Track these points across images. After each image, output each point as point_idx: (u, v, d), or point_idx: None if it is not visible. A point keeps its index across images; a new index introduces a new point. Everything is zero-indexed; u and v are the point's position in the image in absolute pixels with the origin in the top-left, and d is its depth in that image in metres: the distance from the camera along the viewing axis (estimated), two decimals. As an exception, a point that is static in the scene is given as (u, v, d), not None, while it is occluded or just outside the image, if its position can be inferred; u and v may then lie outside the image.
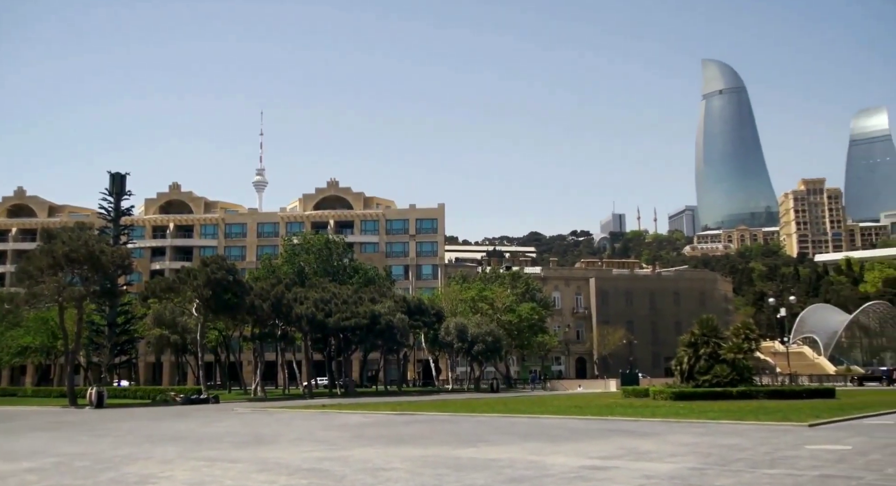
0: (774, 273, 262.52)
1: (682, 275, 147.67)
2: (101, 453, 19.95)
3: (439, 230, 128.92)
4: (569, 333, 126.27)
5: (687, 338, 48.60)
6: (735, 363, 45.72)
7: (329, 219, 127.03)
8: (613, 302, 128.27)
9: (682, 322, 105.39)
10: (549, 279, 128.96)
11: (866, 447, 18.11)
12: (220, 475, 15.10)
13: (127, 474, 15.40)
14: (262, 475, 14.85)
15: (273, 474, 15.11)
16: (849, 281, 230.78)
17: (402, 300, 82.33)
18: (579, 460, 16.41)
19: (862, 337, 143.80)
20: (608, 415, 32.10)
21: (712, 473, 13.96)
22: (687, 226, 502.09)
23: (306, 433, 26.16)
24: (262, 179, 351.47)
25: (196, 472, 15.56)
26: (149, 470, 15.92)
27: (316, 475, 14.74)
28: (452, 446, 20.38)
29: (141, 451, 20.33)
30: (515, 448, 19.35)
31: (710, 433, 23.02)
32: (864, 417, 29.12)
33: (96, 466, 16.88)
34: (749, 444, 19.23)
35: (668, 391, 43.93)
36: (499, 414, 35.39)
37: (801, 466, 14.67)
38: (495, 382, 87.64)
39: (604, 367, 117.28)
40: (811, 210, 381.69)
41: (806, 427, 24.30)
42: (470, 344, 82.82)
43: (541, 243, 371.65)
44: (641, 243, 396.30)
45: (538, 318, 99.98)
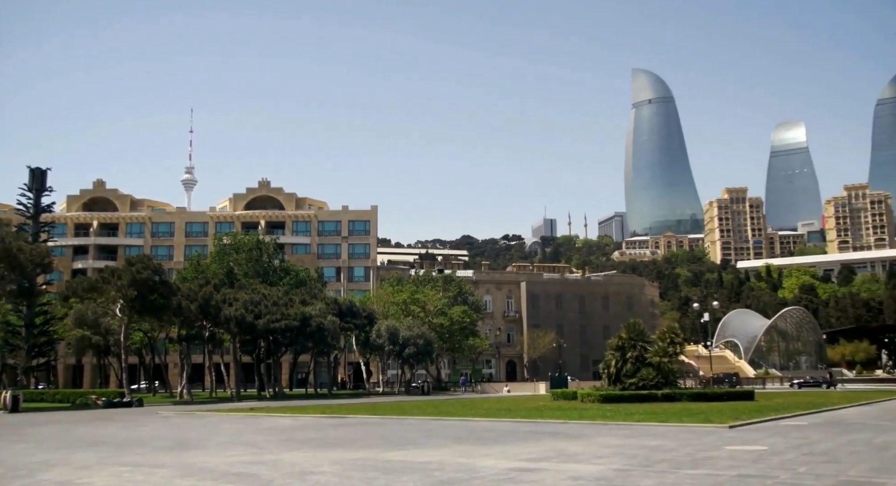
0: (699, 279, 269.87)
1: (610, 280, 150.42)
2: (15, 459, 19.18)
3: (372, 232, 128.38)
4: (500, 336, 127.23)
5: (615, 342, 49.51)
6: (660, 367, 46.79)
7: (260, 219, 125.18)
8: (544, 306, 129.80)
9: (611, 326, 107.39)
10: (480, 283, 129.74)
11: (781, 448, 18.76)
12: (142, 480, 14.71)
13: (42, 481, 14.84)
14: (187, 481, 14.53)
15: (198, 479, 14.80)
16: (768, 287, 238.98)
17: (334, 302, 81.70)
18: (509, 462, 16.55)
19: (780, 341, 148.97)
20: (537, 418, 32.44)
21: (637, 474, 14.26)
22: (616, 232, 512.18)
23: (234, 437, 25.71)
24: (191, 178, 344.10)
25: (117, 478, 15.12)
26: (66, 477, 15.38)
27: (243, 480, 14.51)
28: (382, 449, 20.31)
29: (58, 457, 19.62)
30: (445, 451, 19.40)
31: (635, 434, 23.49)
32: (781, 418, 30.16)
33: (9, 473, 16.23)
34: (672, 445, 19.70)
35: (595, 394, 44.68)
36: (429, 417, 35.41)
37: (721, 466, 15.11)
38: (426, 384, 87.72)
39: (534, 370, 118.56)
40: (734, 218, 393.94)
41: (726, 429, 25.01)
42: (401, 347, 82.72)
43: (473, 246, 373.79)
44: (572, 247, 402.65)
45: (469, 321, 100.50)
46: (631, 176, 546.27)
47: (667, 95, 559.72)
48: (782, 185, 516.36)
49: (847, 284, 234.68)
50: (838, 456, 16.85)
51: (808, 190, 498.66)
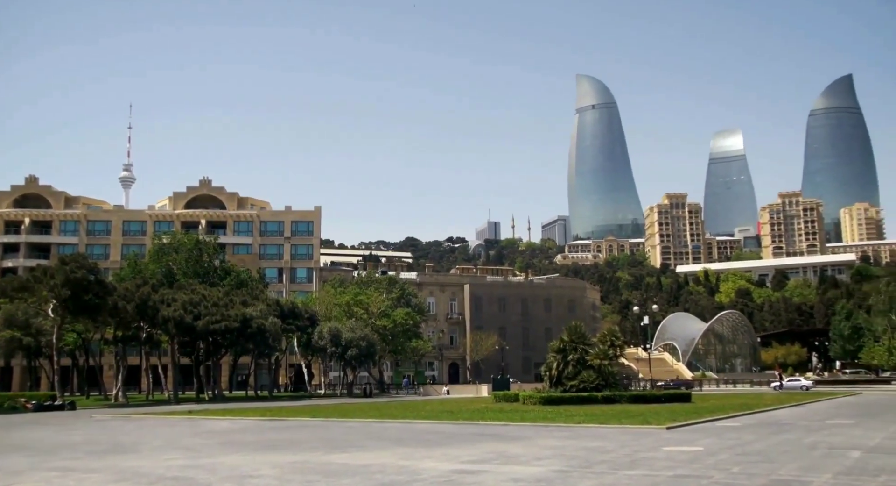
0: (639, 283, 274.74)
1: (553, 283, 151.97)
2: (-60, 464, 18.48)
3: (315, 233, 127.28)
4: (443, 338, 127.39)
5: (556, 344, 49.99)
6: (601, 369, 47.43)
7: (201, 219, 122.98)
8: (487, 308, 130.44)
9: (553, 329, 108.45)
10: (424, 285, 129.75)
11: (716, 448, 19.20)
12: None
13: (-31, 486, 14.35)
14: None
15: (132, 483, 14.46)
16: (706, 291, 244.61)
17: (276, 304, 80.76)
18: (450, 464, 16.57)
19: (716, 344, 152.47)
20: (479, 420, 32.56)
21: (576, 475, 14.42)
22: (559, 235, 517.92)
23: (170, 441, 25.20)
24: (129, 175, 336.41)
25: (47, 484, 14.67)
26: (-6, 482, 14.89)
27: (179, 484, 14.22)
28: (323, 451, 20.15)
29: (-14, 461, 18.97)
30: (387, 453, 19.34)
31: (575, 436, 23.76)
32: (716, 419, 30.85)
33: (-66, 478, 15.63)
34: (612, 446, 19.99)
35: (537, 396, 45.05)
36: (371, 419, 35.26)
37: (658, 466, 15.37)
38: (368, 387, 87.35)
39: (476, 372, 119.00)
40: (674, 223, 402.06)
41: (664, 430, 25.47)
42: (344, 349, 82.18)
43: (417, 248, 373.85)
44: (515, 250, 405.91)
45: (413, 323, 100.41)
46: (574, 180, 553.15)
47: (610, 101, 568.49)
48: (720, 191, 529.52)
49: (781, 288, 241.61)
50: (770, 456, 17.30)
51: (745, 197, 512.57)
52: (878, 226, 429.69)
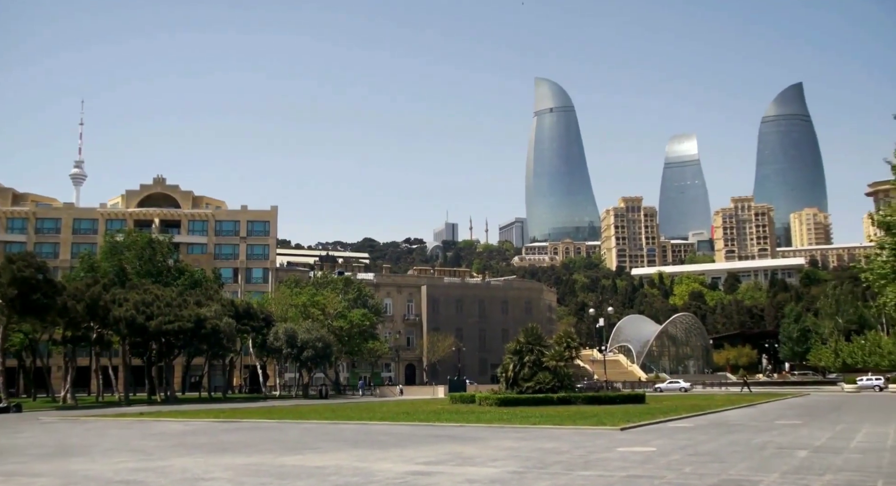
0: (595, 285, 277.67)
1: (510, 285, 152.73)
2: None
3: (271, 233, 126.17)
4: (399, 339, 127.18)
5: (513, 346, 50.24)
6: (557, 370, 47.78)
7: (154, 217, 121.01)
8: (444, 310, 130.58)
9: (509, 330, 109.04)
10: (381, 286, 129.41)
11: (668, 449, 19.46)
12: (19, 489, 13.96)
13: None
14: (68, 489, 13.87)
15: (80, 487, 14.14)
16: (660, 294, 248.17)
17: (231, 304, 79.81)
18: (406, 465, 16.53)
19: (670, 346, 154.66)
20: (435, 421, 32.57)
21: (531, 476, 14.49)
22: (516, 237, 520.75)
23: (121, 443, 24.72)
24: (80, 172, 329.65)
25: (-9, 487, 14.28)
26: (-66, 487, 14.44)
27: (128, 488, 13.95)
28: (277, 453, 19.95)
29: (-74, 465, 18.40)
30: (342, 455, 19.22)
31: (531, 437, 23.89)
32: (669, 420, 31.29)
33: None
34: (566, 447, 20.13)
35: (493, 398, 45.20)
36: (326, 421, 35.05)
37: (612, 467, 15.53)
38: (324, 388, 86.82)
39: (433, 373, 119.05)
40: (629, 226, 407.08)
41: (618, 431, 25.75)
42: (299, 350, 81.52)
43: (374, 249, 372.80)
44: (473, 252, 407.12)
45: (369, 324, 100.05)
46: (532, 183, 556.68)
47: (568, 104, 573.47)
48: (675, 195, 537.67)
49: (733, 291, 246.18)
50: (721, 456, 17.59)
51: (699, 201, 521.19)
52: (827, 231, 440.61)
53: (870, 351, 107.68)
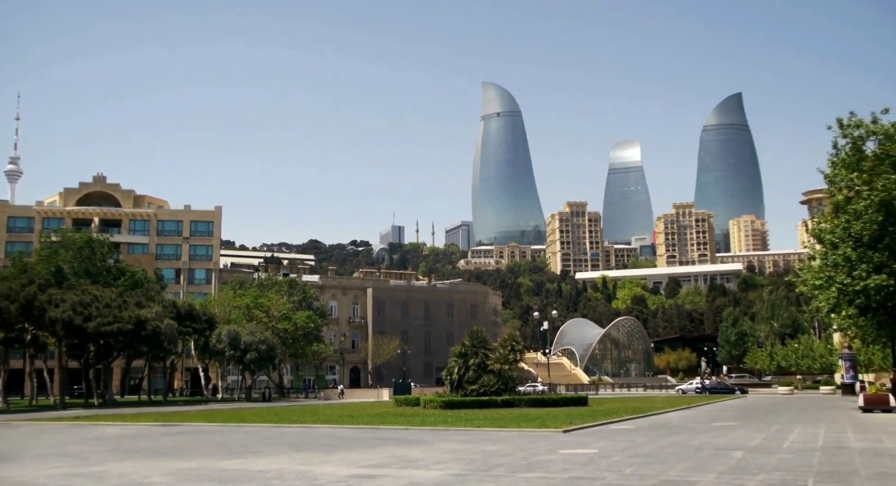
0: (540, 288, 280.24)
1: (455, 288, 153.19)
2: None
3: (215, 234, 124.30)
4: (344, 342, 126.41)
5: (458, 349, 50.36)
6: (501, 373, 48.06)
7: (94, 216, 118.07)
8: (390, 312, 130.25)
9: (455, 333, 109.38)
10: (326, 288, 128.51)
11: (610, 450, 19.77)
12: (-53, 496, 13.51)
13: None
14: (0, 495, 13.48)
15: (12, 493, 13.75)
16: (604, 298, 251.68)
17: (172, 305, 78.30)
18: (349, 469, 16.47)
19: (612, 349, 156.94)
20: (379, 424, 32.48)
21: (474, 479, 14.57)
22: (463, 240, 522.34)
23: (55, 448, 24.06)
24: (16, 169, 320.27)
25: (-83, 494, 13.79)
26: None
27: (63, 493, 13.61)
28: (218, 457, 19.67)
29: None
30: (285, 459, 19.05)
31: (474, 440, 24.00)
32: (610, 422, 31.75)
33: None
34: (510, 450, 20.29)
35: (438, 400, 45.25)
36: (269, 424, 34.67)
37: (555, 469, 15.71)
38: (268, 391, 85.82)
39: (378, 376, 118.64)
40: (574, 231, 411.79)
41: (561, 433, 26.03)
42: (242, 352, 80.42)
43: (320, 251, 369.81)
44: (419, 255, 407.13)
45: (314, 326, 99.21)
46: (478, 186, 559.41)
47: (515, 109, 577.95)
48: (619, 200, 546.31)
49: (673, 296, 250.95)
50: (660, 457, 17.94)
51: (642, 207, 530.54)
52: (763, 237, 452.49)
53: (803, 354, 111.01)
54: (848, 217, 37.86)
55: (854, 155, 38.90)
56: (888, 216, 35.82)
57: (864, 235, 36.76)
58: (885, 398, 38.44)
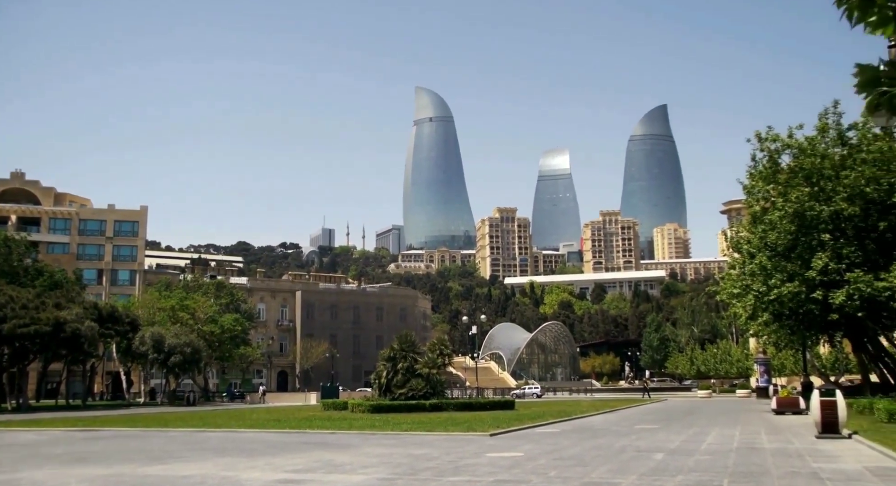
0: (469, 293, 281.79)
1: (385, 291, 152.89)
2: None
3: (140, 234, 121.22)
4: (272, 345, 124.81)
5: (387, 352, 50.36)
6: (429, 377, 48.23)
7: (11, 214, 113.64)
8: (319, 315, 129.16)
9: (384, 337, 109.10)
10: (255, 290, 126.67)
11: (535, 453, 20.11)
12: None
13: None
14: None
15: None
16: (532, 303, 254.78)
17: (94, 307, 75.95)
18: (274, 474, 16.36)
19: (539, 353, 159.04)
20: (306, 428, 32.23)
21: (401, 483, 14.67)
22: (393, 244, 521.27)
23: (-35, 455, 23.12)
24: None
25: None
26: None
27: (-25, 502, 13.16)
28: (139, 463, 19.25)
29: None
30: (208, 464, 18.77)
31: (402, 444, 24.07)
32: (536, 426, 32.23)
33: None
34: (437, 453, 20.43)
35: (366, 404, 45.16)
36: (193, 429, 34.02)
37: (481, 472, 15.93)
38: (192, 395, 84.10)
39: (306, 380, 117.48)
40: (503, 236, 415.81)
41: (487, 437, 26.30)
42: (166, 355, 78.57)
43: (249, 253, 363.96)
44: (349, 258, 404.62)
45: (241, 329, 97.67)
46: (410, 191, 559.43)
47: (447, 114, 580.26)
48: (548, 207, 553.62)
49: (599, 301, 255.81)
50: (584, 460, 18.35)
51: (570, 213, 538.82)
52: (686, 245, 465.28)
53: (721, 359, 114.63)
54: (764, 227, 39.32)
55: (771, 167, 40.45)
56: (801, 227, 37.36)
57: (778, 245, 38.25)
58: (796, 401, 40.02)
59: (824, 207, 36.33)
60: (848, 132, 39.32)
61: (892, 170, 34.37)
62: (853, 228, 37.08)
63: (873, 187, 35.67)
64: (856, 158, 36.94)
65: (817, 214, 36.37)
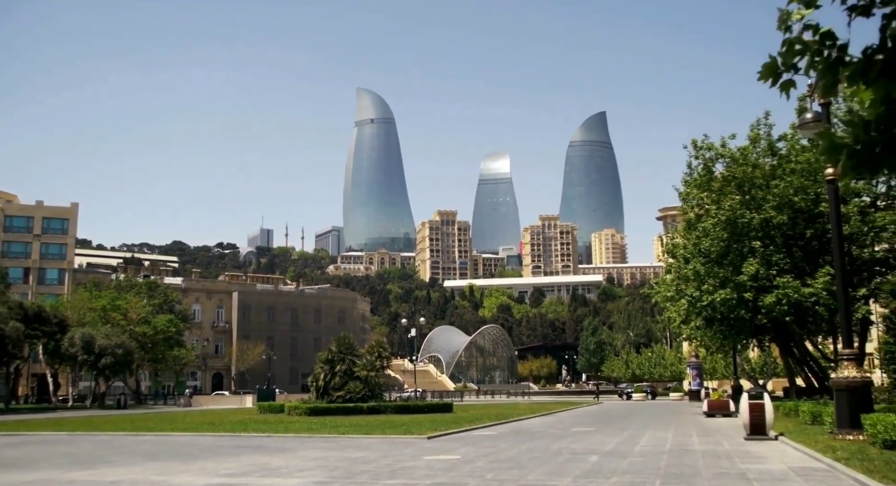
0: (409, 296, 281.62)
1: (324, 293, 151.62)
2: None
3: (70, 232, 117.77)
4: (207, 347, 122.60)
5: (324, 355, 49.93)
6: (368, 380, 47.98)
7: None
8: (255, 317, 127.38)
9: (322, 339, 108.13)
10: (190, 291, 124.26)
11: (472, 456, 20.18)
12: None
13: None
14: None
15: None
16: (471, 306, 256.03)
17: (19, 307, 73.49)
18: (208, 478, 16.06)
19: (478, 356, 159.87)
20: (241, 431, 31.73)
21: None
22: (333, 246, 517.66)
23: None
24: None
25: None
26: None
27: None
28: (66, 468, 18.67)
29: None
30: (139, 469, 18.32)
31: (339, 447, 23.89)
32: (474, 429, 32.33)
33: None
34: (374, 456, 20.34)
35: (303, 407, 44.69)
36: (124, 432, 33.15)
37: (418, 475, 15.90)
38: (123, 398, 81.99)
39: (242, 382, 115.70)
40: (443, 239, 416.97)
41: (425, 439, 26.28)
42: (97, 357, 76.43)
43: (184, 253, 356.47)
44: (288, 259, 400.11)
45: (175, 331, 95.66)
46: (350, 192, 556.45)
47: (388, 116, 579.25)
48: (488, 211, 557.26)
49: (538, 305, 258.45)
50: (521, 462, 18.49)
51: (510, 217, 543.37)
52: (623, 251, 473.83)
53: (655, 363, 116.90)
54: (698, 234, 40.27)
55: (705, 175, 41.44)
56: (733, 234, 38.36)
57: (711, 252, 39.21)
58: (726, 404, 41.04)
59: (755, 215, 37.37)
60: (778, 143, 40.56)
61: (818, 180, 35.50)
62: (782, 236, 38.26)
63: (801, 197, 36.86)
64: (785, 168, 38.11)
65: (748, 222, 37.39)
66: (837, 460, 16.08)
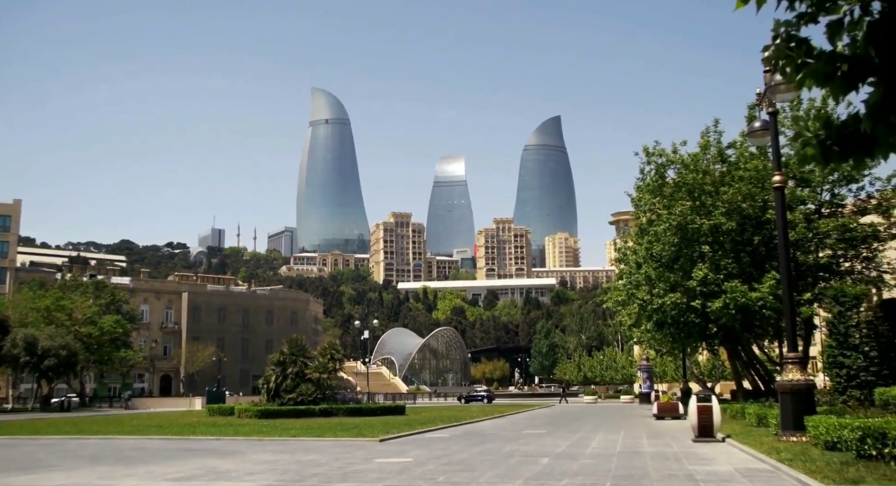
0: (362, 297, 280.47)
1: (276, 294, 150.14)
2: None
3: (12, 229, 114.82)
4: (155, 348, 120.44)
5: (276, 357, 49.45)
6: (320, 382, 47.64)
7: None
8: (206, 318, 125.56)
9: (274, 341, 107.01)
10: (138, 291, 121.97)
11: (424, 458, 20.13)
12: None
13: None
14: None
15: None
16: (425, 308, 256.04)
17: (-42, 307, 71.34)
18: (154, 482, 15.74)
19: (431, 359, 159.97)
20: (190, 434, 31.23)
21: (288, 489, 14.38)
22: (285, 247, 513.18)
23: None
24: None
25: None
26: None
27: None
28: (5, 474, 18.13)
29: None
30: (83, 473, 17.88)
31: (290, 450, 23.64)
32: (427, 431, 32.29)
33: None
34: (325, 459, 20.16)
35: (253, 410, 44.17)
36: (67, 436, 32.36)
37: (369, 478, 15.81)
38: (67, 400, 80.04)
39: (191, 384, 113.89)
40: (398, 241, 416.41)
41: (377, 442, 26.15)
42: (40, 358, 74.47)
43: (133, 252, 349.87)
44: (240, 260, 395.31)
45: (122, 331, 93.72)
46: (304, 193, 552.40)
47: (343, 117, 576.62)
48: (442, 213, 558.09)
49: (491, 308, 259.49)
50: (473, 465, 18.50)
51: (464, 220, 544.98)
52: (576, 254, 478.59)
53: (607, 366, 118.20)
54: (650, 239, 40.79)
55: (657, 181, 42.00)
56: (683, 239, 38.95)
57: (662, 256, 39.77)
58: (675, 407, 41.67)
59: (704, 220, 38.00)
60: (727, 150, 41.31)
61: (765, 187, 36.21)
62: (730, 242, 38.96)
63: (749, 203, 37.60)
64: (734, 175, 38.82)
65: (698, 228, 38.01)
66: (781, 461, 16.42)
